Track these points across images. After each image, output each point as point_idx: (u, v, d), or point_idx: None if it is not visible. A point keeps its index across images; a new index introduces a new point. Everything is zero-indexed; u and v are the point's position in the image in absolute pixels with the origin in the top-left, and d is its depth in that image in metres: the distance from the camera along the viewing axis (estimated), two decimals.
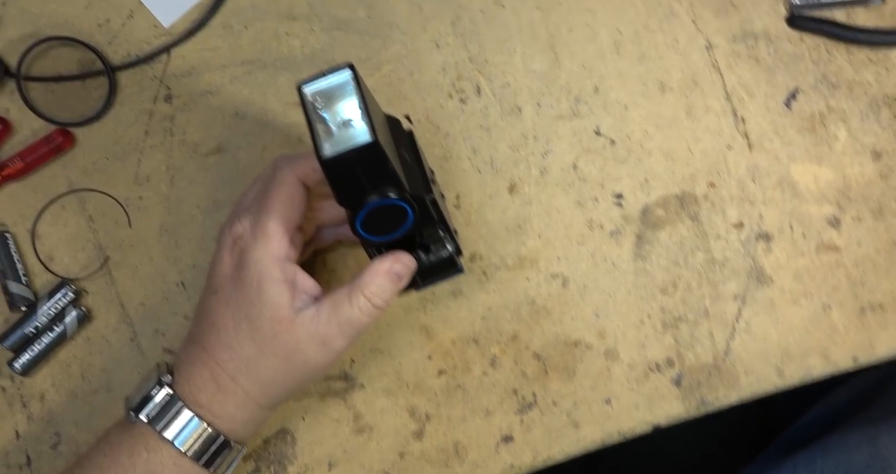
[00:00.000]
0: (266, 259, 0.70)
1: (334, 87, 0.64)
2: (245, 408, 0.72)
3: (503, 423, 0.81)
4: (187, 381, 0.72)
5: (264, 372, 0.71)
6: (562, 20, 0.84)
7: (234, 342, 0.70)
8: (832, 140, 0.82)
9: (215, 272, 0.73)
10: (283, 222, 0.70)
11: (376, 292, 0.70)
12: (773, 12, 0.83)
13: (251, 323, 0.70)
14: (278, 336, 0.70)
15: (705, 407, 0.81)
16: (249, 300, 0.70)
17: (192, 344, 0.73)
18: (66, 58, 0.86)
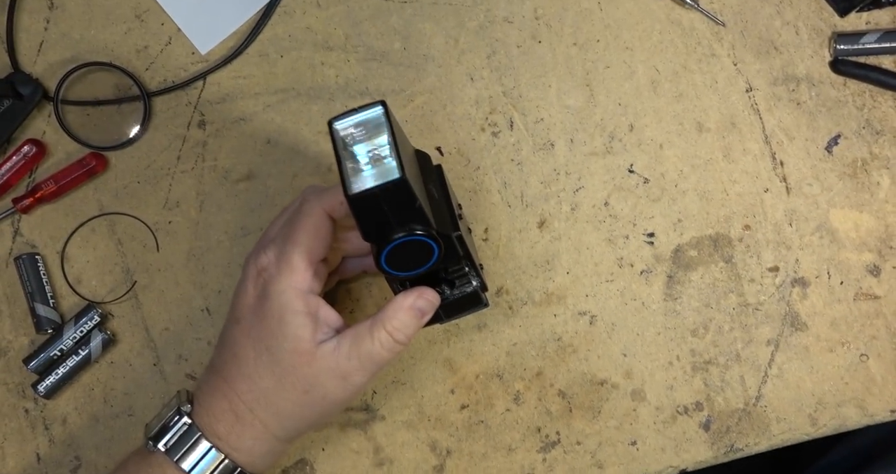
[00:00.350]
0: (289, 291, 0.73)
1: (365, 123, 0.68)
2: (263, 441, 0.76)
3: (525, 461, 0.85)
4: (206, 411, 0.76)
5: (283, 405, 0.75)
6: (599, 57, 0.89)
7: (253, 373, 0.75)
8: (874, 187, 0.87)
9: (238, 302, 0.77)
10: (308, 255, 0.74)
11: (399, 327, 0.74)
12: (816, 56, 0.88)
13: (272, 355, 0.74)
14: (298, 369, 0.73)
15: (734, 454, 0.84)
16: (271, 332, 0.74)
17: (212, 373, 0.77)
18: (103, 82, 0.92)
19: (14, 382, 0.90)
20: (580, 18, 0.90)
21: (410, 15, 0.91)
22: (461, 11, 0.91)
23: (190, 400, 0.78)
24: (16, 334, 0.91)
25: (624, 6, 0.90)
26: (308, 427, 0.78)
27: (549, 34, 0.90)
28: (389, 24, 0.91)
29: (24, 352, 0.90)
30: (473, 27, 0.91)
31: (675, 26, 0.89)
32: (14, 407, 0.90)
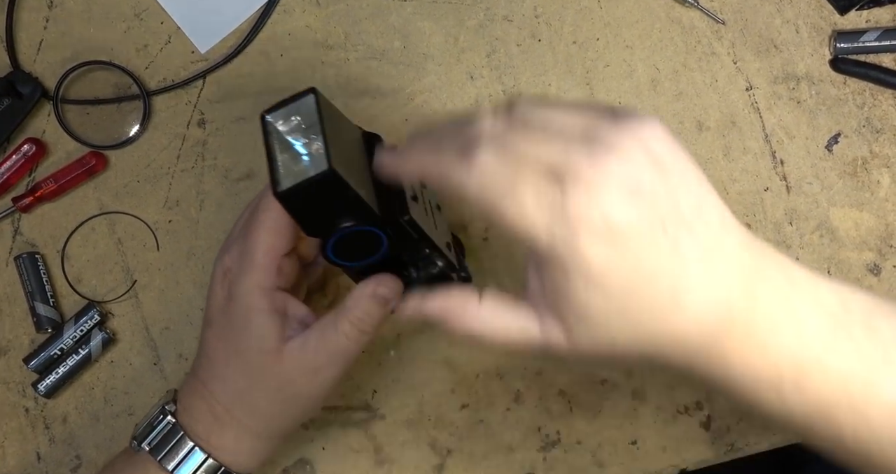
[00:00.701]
0: (254, 290, 0.73)
1: (298, 113, 0.66)
2: (244, 440, 0.76)
3: (526, 461, 0.86)
4: (187, 412, 0.76)
5: (258, 404, 0.74)
6: (598, 56, 0.89)
7: (226, 375, 0.74)
8: (875, 185, 0.87)
9: (209, 304, 0.76)
10: (270, 251, 0.73)
11: (362, 317, 0.71)
12: (816, 55, 0.88)
13: (241, 356, 0.73)
14: (267, 368, 0.73)
15: (735, 453, 0.85)
16: (238, 333, 0.73)
17: (192, 375, 0.77)
18: (103, 81, 0.93)
19: (14, 381, 0.91)
20: (580, 17, 0.90)
21: (410, 13, 0.91)
22: (461, 10, 0.91)
23: (175, 400, 0.78)
24: (16, 333, 0.91)
25: (624, 4, 0.90)
26: (290, 424, 0.77)
27: (549, 33, 0.90)
28: (389, 22, 0.91)
29: (25, 352, 0.90)
30: (473, 26, 0.91)
31: (675, 25, 0.89)
32: (14, 406, 0.90)
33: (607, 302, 0.55)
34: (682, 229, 0.55)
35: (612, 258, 0.54)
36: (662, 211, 0.54)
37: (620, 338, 0.57)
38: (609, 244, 0.54)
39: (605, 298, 0.55)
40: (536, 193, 0.55)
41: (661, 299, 0.55)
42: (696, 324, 0.56)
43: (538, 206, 0.55)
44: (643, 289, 0.55)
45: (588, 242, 0.54)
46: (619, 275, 0.55)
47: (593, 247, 0.54)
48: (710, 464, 0.87)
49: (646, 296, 0.55)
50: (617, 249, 0.54)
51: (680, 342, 0.57)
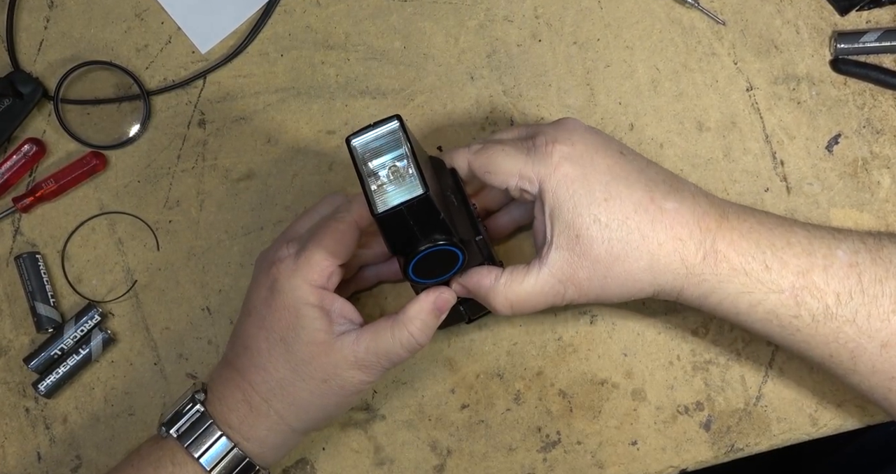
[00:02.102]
0: (304, 286, 0.74)
1: (382, 139, 0.69)
2: (278, 432, 0.77)
3: (526, 461, 0.86)
4: (220, 401, 0.77)
5: (300, 395, 0.76)
6: (599, 56, 0.89)
7: (267, 364, 0.76)
8: (875, 186, 0.86)
9: (251, 295, 0.78)
10: (330, 256, 0.75)
11: (420, 328, 0.75)
12: (816, 55, 0.88)
13: (286, 346, 0.75)
14: (315, 359, 0.74)
15: (734, 454, 0.85)
16: (286, 323, 0.75)
17: (225, 366, 0.78)
18: (104, 81, 0.93)
19: (15, 381, 0.91)
20: (580, 17, 0.90)
21: (410, 14, 0.91)
22: (461, 10, 0.91)
23: (204, 390, 0.79)
24: (16, 333, 0.91)
25: (624, 5, 0.90)
26: (326, 417, 0.79)
27: (550, 33, 0.90)
28: (390, 22, 0.91)
29: (25, 352, 0.91)
30: (473, 26, 0.91)
31: (676, 25, 0.89)
32: (15, 406, 0.90)
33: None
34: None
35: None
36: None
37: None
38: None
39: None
40: (512, 150, 0.74)
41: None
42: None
43: (521, 153, 0.74)
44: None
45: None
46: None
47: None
48: (710, 465, 0.86)
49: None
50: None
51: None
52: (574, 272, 0.72)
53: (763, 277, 0.72)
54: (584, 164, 0.72)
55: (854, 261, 0.72)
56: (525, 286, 0.74)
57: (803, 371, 0.85)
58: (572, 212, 0.72)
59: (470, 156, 0.76)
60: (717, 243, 0.72)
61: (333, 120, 0.91)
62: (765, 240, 0.73)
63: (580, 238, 0.72)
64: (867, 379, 0.74)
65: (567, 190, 0.72)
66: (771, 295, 0.72)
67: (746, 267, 0.72)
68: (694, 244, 0.72)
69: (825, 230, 0.74)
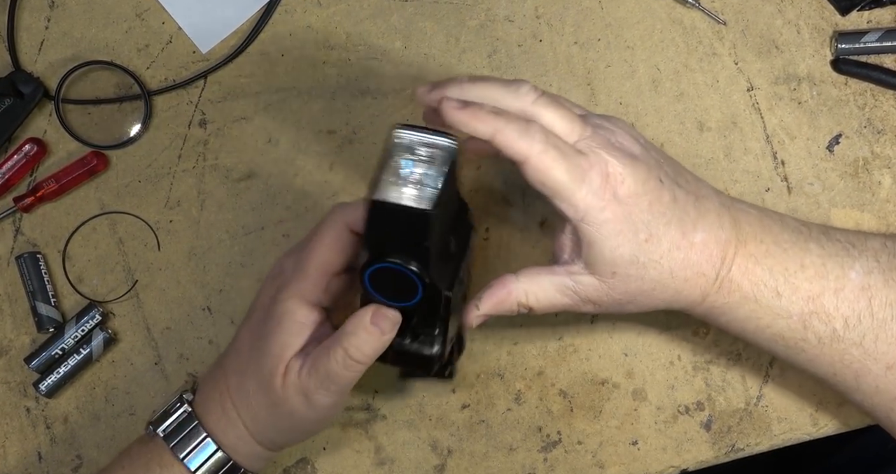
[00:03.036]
0: (295, 298, 0.73)
1: (431, 147, 0.67)
2: (244, 442, 0.76)
3: (526, 461, 0.86)
4: (204, 402, 0.77)
5: (258, 411, 0.75)
6: (600, 56, 0.89)
7: (245, 369, 0.75)
8: (876, 186, 0.86)
9: (255, 301, 0.78)
10: (322, 266, 0.74)
11: (356, 345, 0.71)
12: (817, 55, 0.88)
13: (261, 354, 0.74)
14: (273, 379, 0.73)
15: (735, 454, 0.85)
16: (267, 331, 0.74)
17: (217, 365, 0.79)
18: (104, 81, 0.93)
19: (15, 381, 0.91)
20: (581, 17, 0.90)
21: (411, 14, 0.91)
22: (462, 10, 0.91)
23: (194, 389, 0.79)
24: (17, 333, 0.91)
25: (625, 5, 0.90)
26: (286, 440, 0.78)
27: (550, 33, 0.90)
28: (390, 22, 0.91)
29: (26, 351, 0.91)
30: (474, 26, 0.91)
31: (677, 25, 0.89)
32: (15, 405, 0.91)
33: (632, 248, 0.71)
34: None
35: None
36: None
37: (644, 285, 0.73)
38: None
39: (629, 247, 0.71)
40: (574, 168, 0.69)
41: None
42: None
43: (575, 178, 0.69)
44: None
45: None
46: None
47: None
48: (711, 465, 0.87)
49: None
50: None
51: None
52: (599, 297, 0.73)
53: (773, 304, 0.72)
54: (629, 204, 0.70)
55: (866, 283, 0.72)
56: (548, 292, 0.74)
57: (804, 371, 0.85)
58: (614, 250, 0.70)
59: (531, 155, 0.68)
60: (733, 272, 0.72)
61: (334, 120, 0.91)
62: (779, 265, 0.73)
63: (616, 275, 0.71)
64: (870, 399, 0.74)
65: (613, 228, 0.70)
66: (779, 320, 0.73)
67: (758, 295, 0.72)
68: (713, 275, 0.72)
69: (840, 246, 0.74)
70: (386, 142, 0.67)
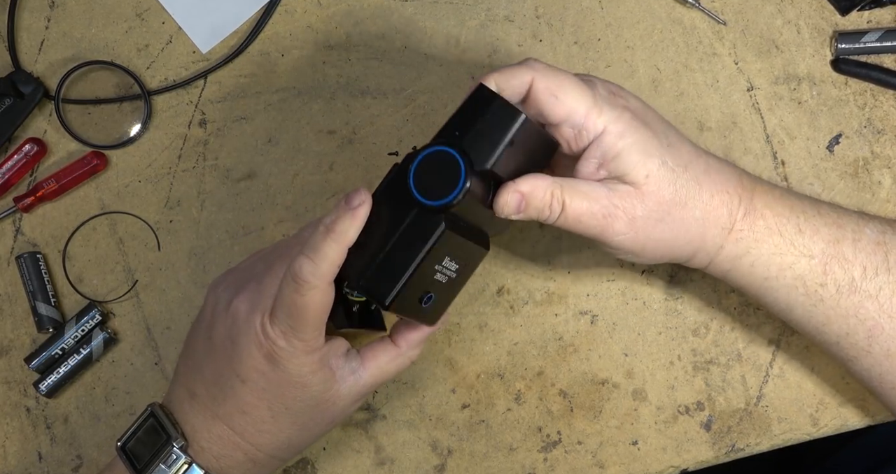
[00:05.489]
0: (308, 363, 0.72)
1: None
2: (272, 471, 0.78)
3: (526, 461, 0.86)
4: (217, 460, 0.75)
5: (307, 440, 0.77)
6: (599, 56, 0.89)
7: (273, 429, 0.74)
8: (876, 186, 0.86)
9: (244, 362, 0.73)
10: (321, 328, 0.72)
11: (419, 353, 0.76)
12: (817, 55, 0.88)
13: (292, 412, 0.74)
14: (324, 412, 0.75)
15: (735, 454, 0.85)
16: (292, 395, 0.73)
17: (212, 419, 0.75)
18: (104, 81, 0.93)
19: (16, 381, 0.91)
20: (581, 17, 0.90)
21: (411, 14, 0.91)
22: (462, 10, 0.91)
23: (180, 432, 0.75)
24: (17, 333, 0.91)
25: (625, 5, 0.90)
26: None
27: (550, 33, 0.90)
28: (390, 22, 0.91)
29: (26, 351, 0.91)
30: (474, 26, 0.91)
31: (677, 25, 0.89)
32: (16, 405, 0.91)
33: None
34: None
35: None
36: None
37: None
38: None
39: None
40: (581, 82, 0.71)
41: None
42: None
43: (585, 90, 0.70)
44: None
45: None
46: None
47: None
48: (711, 465, 0.87)
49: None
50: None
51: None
52: (633, 206, 0.71)
53: (796, 240, 0.73)
54: (643, 115, 0.73)
55: (881, 239, 0.74)
56: (586, 194, 0.71)
57: (804, 371, 0.85)
58: (643, 153, 0.71)
59: (536, 74, 0.71)
60: (756, 201, 0.74)
61: (334, 120, 0.91)
62: (797, 205, 0.75)
63: (650, 177, 0.71)
64: (879, 364, 0.74)
65: (635, 132, 0.71)
66: (802, 259, 0.73)
67: (781, 228, 0.74)
68: (738, 198, 0.74)
69: (851, 210, 0.77)
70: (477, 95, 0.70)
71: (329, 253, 0.69)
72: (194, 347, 0.76)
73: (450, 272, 0.73)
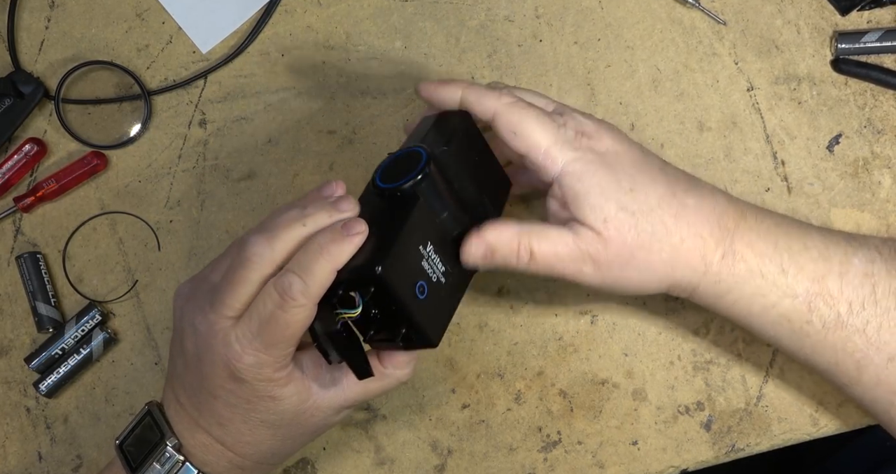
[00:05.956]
0: (278, 378, 0.70)
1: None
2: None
3: (526, 461, 0.86)
4: (203, 465, 0.74)
5: (292, 450, 0.77)
6: (600, 56, 0.90)
7: (252, 440, 0.73)
8: (876, 186, 0.86)
9: (210, 379, 0.71)
10: (294, 344, 0.70)
11: (409, 373, 0.75)
12: (817, 55, 0.88)
13: (269, 425, 0.73)
14: (304, 422, 0.73)
15: (735, 454, 0.85)
16: (265, 408, 0.72)
17: (198, 429, 0.74)
18: (104, 81, 0.93)
19: (16, 381, 0.91)
20: (581, 17, 0.90)
21: (411, 14, 0.91)
22: (462, 10, 0.91)
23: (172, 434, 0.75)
24: (17, 333, 0.91)
25: (625, 5, 0.90)
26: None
27: (550, 33, 0.90)
28: (390, 22, 0.91)
29: (26, 351, 0.91)
30: (474, 26, 0.91)
31: (677, 25, 0.89)
32: (16, 405, 0.91)
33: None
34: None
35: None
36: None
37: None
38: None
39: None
40: (545, 120, 0.72)
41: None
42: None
43: (547, 128, 0.72)
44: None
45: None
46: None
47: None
48: (711, 465, 0.87)
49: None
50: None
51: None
52: (598, 251, 0.71)
53: (779, 281, 0.72)
54: (609, 157, 0.72)
55: (870, 270, 0.72)
56: (550, 239, 0.72)
57: (804, 371, 0.85)
58: (600, 197, 0.71)
59: (499, 107, 0.73)
60: (736, 243, 0.72)
61: (334, 120, 0.91)
62: (782, 242, 0.73)
63: (608, 222, 0.71)
64: (870, 392, 0.74)
65: (594, 176, 0.71)
66: (785, 299, 0.72)
67: (763, 269, 0.72)
68: (714, 242, 0.72)
69: (841, 236, 0.75)
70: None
71: (320, 273, 0.68)
72: (174, 355, 0.75)
73: (438, 269, 0.72)
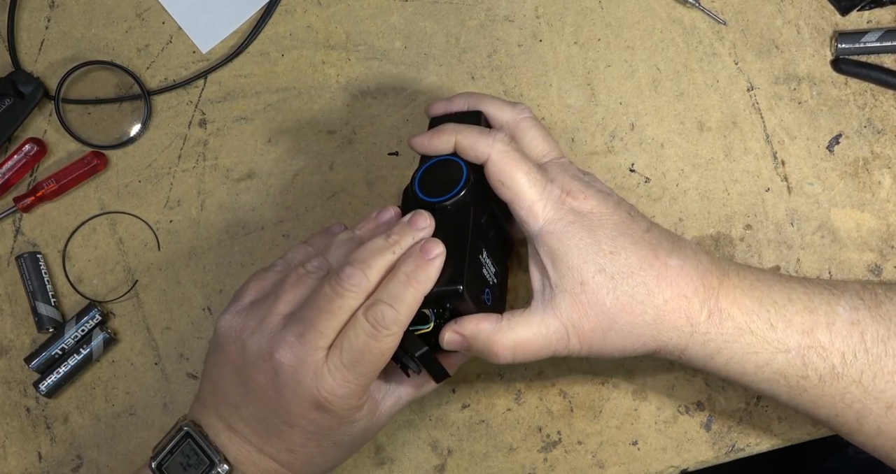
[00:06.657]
0: (360, 404, 0.72)
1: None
2: None
3: (526, 461, 0.86)
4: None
5: (348, 456, 0.78)
6: (600, 56, 0.89)
7: (320, 461, 0.75)
8: (876, 186, 0.86)
9: (291, 412, 0.72)
10: (382, 368, 0.72)
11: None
12: (817, 55, 0.88)
13: (340, 445, 0.74)
14: (368, 434, 0.75)
15: (735, 454, 0.85)
16: (342, 432, 0.73)
17: (259, 454, 0.74)
18: (104, 81, 0.93)
19: (16, 381, 0.91)
20: (581, 17, 0.90)
21: (411, 13, 0.91)
22: (462, 10, 0.91)
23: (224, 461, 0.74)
24: (17, 333, 0.91)
25: (625, 5, 0.90)
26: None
27: (550, 33, 0.90)
28: (390, 22, 0.91)
29: (26, 351, 0.91)
30: (474, 26, 0.91)
31: (677, 25, 0.89)
32: (16, 405, 0.91)
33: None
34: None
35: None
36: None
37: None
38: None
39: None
40: (535, 175, 0.73)
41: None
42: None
43: (535, 184, 0.73)
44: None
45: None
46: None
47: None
48: (711, 465, 0.86)
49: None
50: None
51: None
52: (579, 319, 0.71)
53: (769, 336, 0.71)
54: (591, 219, 0.72)
55: (855, 318, 0.72)
56: (530, 329, 0.72)
57: None
58: (578, 259, 0.71)
59: (492, 154, 0.73)
60: (721, 301, 0.72)
61: (334, 120, 0.91)
62: (767, 297, 0.72)
63: (585, 285, 0.71)
64: (872, 440, 0.74)
65: (573, 237, 0.71)
66: (778, 355, 0.72)
67: (752, 325, 0.72)
68: (698, 302, 0.71)
69: (822, 285, 0.74)
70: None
71: (411, 301, 0.70)
72: (221, 383, 0.74)
73: (491, 271, 0.77)
